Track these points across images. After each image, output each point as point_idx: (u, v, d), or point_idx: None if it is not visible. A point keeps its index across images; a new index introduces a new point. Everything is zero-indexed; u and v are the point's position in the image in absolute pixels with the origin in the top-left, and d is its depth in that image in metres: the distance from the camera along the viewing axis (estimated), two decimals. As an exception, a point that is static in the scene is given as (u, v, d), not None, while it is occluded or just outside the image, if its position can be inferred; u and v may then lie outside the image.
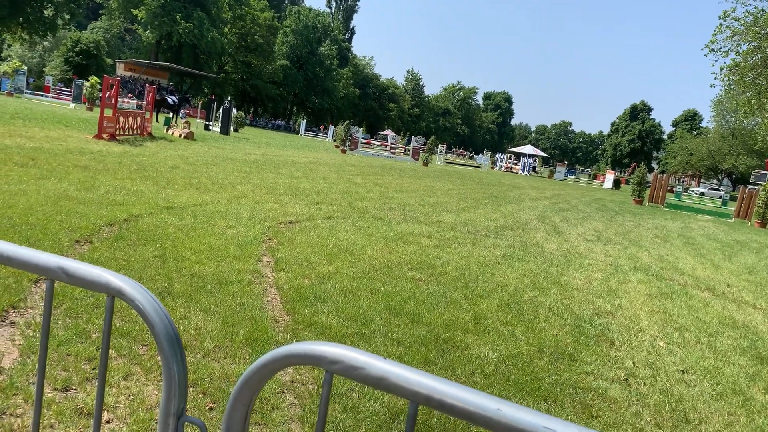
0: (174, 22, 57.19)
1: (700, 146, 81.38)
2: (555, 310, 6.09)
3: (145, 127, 20.43)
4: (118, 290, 1.07)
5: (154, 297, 1.08)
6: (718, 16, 27.32)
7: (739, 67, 27.30)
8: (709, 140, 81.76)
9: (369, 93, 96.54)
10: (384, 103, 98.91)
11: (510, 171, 60.04)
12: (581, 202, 24.84)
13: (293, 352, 0.94)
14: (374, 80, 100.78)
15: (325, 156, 29.09)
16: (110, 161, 11.83)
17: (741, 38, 26.71)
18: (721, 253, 13.58)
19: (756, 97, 27.92)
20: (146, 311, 1.05)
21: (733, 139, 76.14)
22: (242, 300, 4.74)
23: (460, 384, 0.84)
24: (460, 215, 12.99)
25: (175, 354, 1.04)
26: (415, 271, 6.76)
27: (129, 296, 1.06)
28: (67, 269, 1.11)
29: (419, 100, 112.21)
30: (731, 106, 64.80)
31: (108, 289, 1.08)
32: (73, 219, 6.35)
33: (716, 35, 27.23)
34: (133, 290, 1.07)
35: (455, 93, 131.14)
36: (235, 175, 13.42)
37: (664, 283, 8.66)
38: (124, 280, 1.09)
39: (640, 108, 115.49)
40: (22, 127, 15.36)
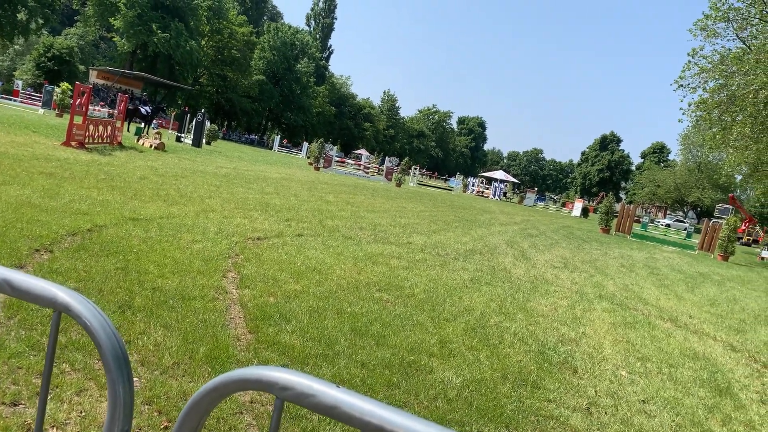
0: (150, 32, 56.76)
1: (667, 178, 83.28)
2: (520, 336, 6.11)
3: (115, 136, 20.12)
4: (65, 305, 1.03)
5: (103, 313, 1.03)
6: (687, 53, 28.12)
7: (705, 103, 28.07)
8: (676, 173, 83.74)
9: (345, 112, 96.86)
10: (359, 123, 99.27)
11: (481, 195, 60.58)
12: (550, 229, 25.13)
13: (244, 377, 0.91)
14: (350, 99, 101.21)
15: (297, 173, 28.99)
16: (77, 169, 11.60)
17: (708, 75, 27.51)
18: (685, 285, 13.83)
19: (721, 133, 28.68)
20: (93, 328, 1.00)
21: (699, 172, 78.16)
22: (204, 316, 4.65)
23: (413, 415, 0.82)
24: (430, 237, 13.02)
25: (122, 374, 1.00)
26: (383, 292, 6.73)
27: (75, 312, 1.02)
28: (11, 282, 1.07)
29: (395, 121, 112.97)
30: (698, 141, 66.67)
31: (54, 304, 1.04)
32: (34, 227, 6.18)
33: (685, 72, 28.03)
34: (80, 305, 1.02)
35: (430, 116, 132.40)
36: (204, 188, 13.26)
37: (628, 312, 8.77)
38: (71, 294, 1.05)
39: (610, 139, 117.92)
40: (-13, 131, 15.01)
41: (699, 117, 29.72)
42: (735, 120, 27.20)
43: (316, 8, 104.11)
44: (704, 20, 27.05)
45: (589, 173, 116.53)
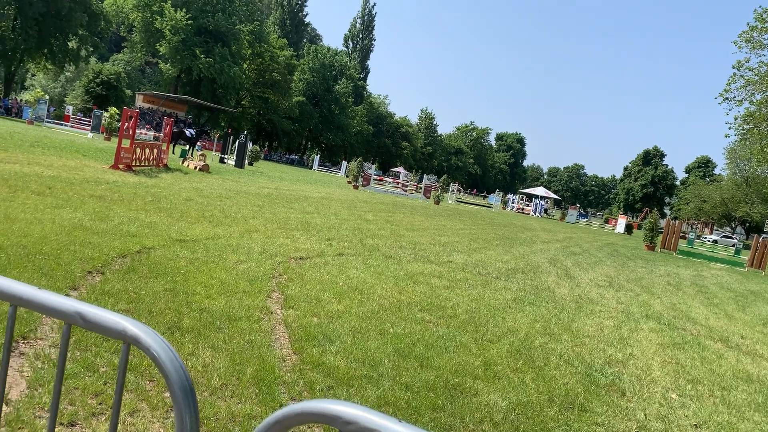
0: (194, 57, 58.43)
1: (713, 193, 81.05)
2: (566, 358, 6.01)
3: (161, 158, 20.69)
4: (135, 338, 1.08)
5: (170, 346, 1.08)
6: (732, 65, 27.49)
7: (753, 116, 27.35)
8: (723, 187, 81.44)
9: (383, 130, 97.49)
10: (397, 141, 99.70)
11: (521, 212, 59.97)
12: (593, 247, 24.70)
13: (308, 410, 0.94)
14: (388, 118, 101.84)
15: (337, 191, 29.26)
16: (125, 192, 11.96)
17: (755, 88, 26.85)
18: (735, 303, 13.40)
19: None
20: (161, 360, 1.04)
21: (747, 187, 75.81)
22: (251, 337, 4.72)
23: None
24: (471, 256, 12.95)
25: (189, 405, 1.04)
26: (424, 312, 6.72)
27: (145, 344, 1.06)
28: (84, 314, 1.12)
29: (432, 138, 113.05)
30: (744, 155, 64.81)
31: (124, 336, 1.09)
32: (86, 249, 6.39)
33: (730, 84, 27.42)
34: (149, 338, 1.07)
35: (468, 133, 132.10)
36: (248, 208, 13.50)
37: (677, 332, 8.54)
38: (140, 327, 1.10)
39: (653, 153, 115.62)
40: (40, 156, 15.61)
41: (746, 130, 28.96)
42: (785, 133, 26.41)
43: (354, 29, 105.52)
44: (749, 32, 26.46)
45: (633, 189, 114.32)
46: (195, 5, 60.09)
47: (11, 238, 6.24)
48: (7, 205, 7.99)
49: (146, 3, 59.68)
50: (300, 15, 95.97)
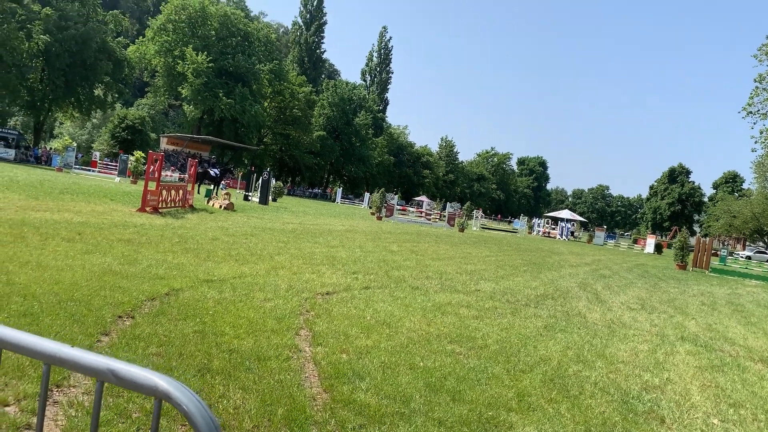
0: (216, 98, 59.70)
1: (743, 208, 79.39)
2: (601, 386, 5.87)
3: (186, 199, 21.02)
4: (166, 394, 1.08)
5: (201, 400, 1.08)
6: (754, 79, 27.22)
7: (779, 128, 26.94)
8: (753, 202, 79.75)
9: (404, 160, 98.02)
10: (418, 170, 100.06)
11: (548, 236, 59.43)
12: (623, 268, 24.30)
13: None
14: (408, 148, 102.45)
15: (361, 223, 29.33)
16: (153, 234, 12.13)
17: (779, 100, 26.47)
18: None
19: (799, 158, 27.37)
20: (193, 416, 1.05)
21: (778, 200, 74.21)
22: (280, 377, 4.70)
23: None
24: (498, 283, 12.82)
25: (221, 460, 1.03)
26: (454, 344, 6.64)
27: (176, 400, 1.07)
28: (116, 371, 1.13)
29: (453, 166, 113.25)
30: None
31: (155, 392, 1.09)
32: (116, 294, 6.47)
33: (753, 98, 27.11)
34: (180, 394, 1.07)
35: (489, 158, 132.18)
36: (273, 245, 13.59)
37: (715, 354, 8.31)
38: (171, 383, 1.10)
39: (679, 171, 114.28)
40: (70, 202, 15.97)
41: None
42: (813, 144, 25.91)
43: (371, 63, 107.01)
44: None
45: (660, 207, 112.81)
46: (215, 48, 61.63)
47: (43, 285, 6.36)
48: (39, 253, 8.16)
49: (168, 48, 61.41)
50: (317, 52, 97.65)
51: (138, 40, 65.19)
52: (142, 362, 4.56)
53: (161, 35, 61.64)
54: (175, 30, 61.96)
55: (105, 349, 4.77)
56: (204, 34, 62.24)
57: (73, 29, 48.41)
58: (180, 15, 61.70)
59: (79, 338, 4.88)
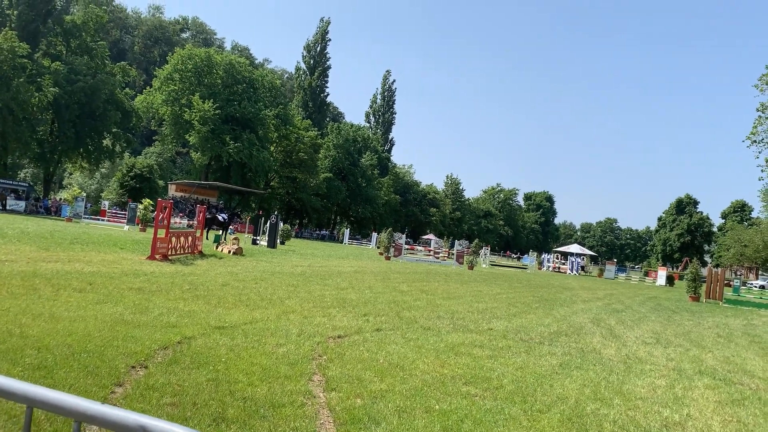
0: (223, 144, 60.45)
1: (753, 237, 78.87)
2: (620, 424, 5.77)
3: (195, 245, 21.10)
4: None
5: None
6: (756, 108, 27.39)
7: (784, 156, 26.97)
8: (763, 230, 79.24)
9: (410, 199, 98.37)
10: (425, 208, 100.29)
11: (558, 271, 59.07)
12: (635, 302, 24.07)
13: None
14: (414, 186, 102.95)
15: (369, 264, 29.29)
16: (163, 282, 12.17)
17: (782, 129, 26.58)
18: (793, 352, 12.80)
19: (806, 186, 27.31)
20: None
21: (788, 228, 73.77)
22: (295, 424, 4.66)
23: None
24: (511, 321, 12.72)
25: None
26: (469, 385, 6.57)
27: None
28: (147, 427, 1.14)
29: (460, 203, 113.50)
30: (781, 195, 63.40)
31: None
32: (129, 344, 6.47)
33: (756, 127, 27.23)
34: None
35: (495, 195, 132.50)
36: (283, 289, 13.58)
37: (734, 387, 8.16)
38: None
39: (686, 201, 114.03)
40: (80, 252, 16.07)
41: (780, 171, 28.49)
42: (819, 171, 25.89)
43: (375, 105, 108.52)
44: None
45: (669, 239, 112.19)
46: (221, 96, 62.67)
47: (56, 337, 6.37)
48: (51, 305, 8.19)
49: (175, 97, 62.51)
50: (321, 96, 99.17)
51: (145, 90, 66.45)
52: (157, 413, 4.54)
53: (168, 85, 62.84)
54: (182, 79, 63.18)
55: (119, 400, 4.76)
56: (210, 82, 63.41)
57: (82, 81, 49.49)
58: (186, 64, 62.99)
59: (93, 390, 4.87)
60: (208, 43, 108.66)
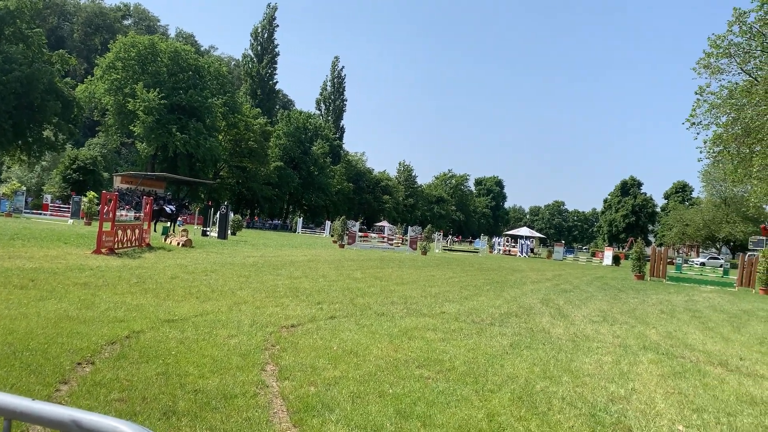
0: (170, 134, 59.00)
1: (694, 216, 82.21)
2: (568, 400, 5.94)
3: (143, 238, 20.61)
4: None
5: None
6: (695, 91, 28.31)
7: (721, 138, 28.06)
8: (703, 210, 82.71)
9: (363, 187, 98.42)
10: (378, 196, 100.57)
11: (508, 254, 60.18)
12: (583, 282, 24.75)
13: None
14: (367, 174, 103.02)
15: (323, 252, 29.21)
16: (110, 276, 11.85)
17: (719, 111, 27.61)
18: (730, 325, 13.42)
19: (741, 166, 28.52)
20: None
21: (726, 207, 77.17)
22: (248, 414, 4.63)
23: None
24: (463, 304, 12.91)
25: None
26: (422, 368, 6.65)
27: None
28: (79, 421, 1.12)
29: (413, 190, 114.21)
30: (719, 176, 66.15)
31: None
32: (74, 340, 6.29)
33: (695, 109, 28.16)
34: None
35: (447, 180, 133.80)
36: (234, 280, 13.41)
37: (676, 361, 8.51)
38: (135, 428, 1.09)
39: (630, 183, 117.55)
40: (21, 248, 15.49)
41: (717, 152, 29.64)
42: (754, 151, 27.08)
43: (325, 92, 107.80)
44: (706, 58, 27.40)
45: (615, 220, 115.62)
46: (167, 84, 61.06)
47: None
48: (-10, 303, 7.88)
49: (118, 86, 60.57)
50: (270, 83, 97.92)
51: (87, 79, 64.19)
52: (105, 409, 4.44)
53: (110, 73, 60.79)
54: (125, 68, 61.21)
55: (65, 398, 4.63)
56: (154, 70, 61.66)
57: (18, 71, 47.39)
58: (129, 53, 61.04)
59: (36, 389, 4.72)
60: (152, 30, 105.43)
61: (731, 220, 75.90)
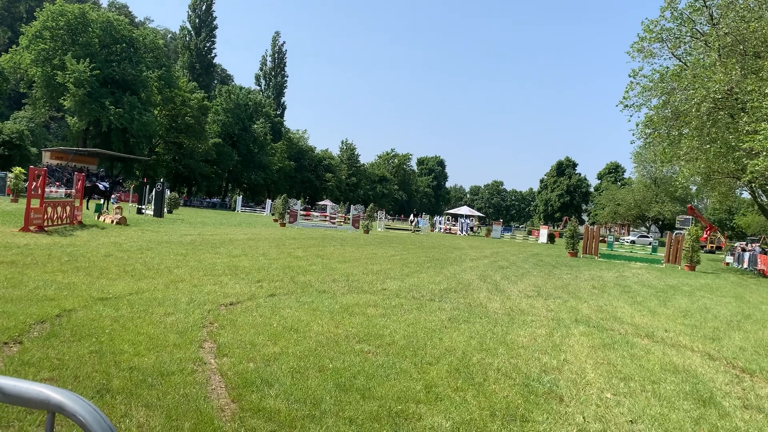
0: (103, 108, 56.60)
1: (626, 196, 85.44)
2: (504, 371, 6.14)
3: (75, 215, 19.85)
4: (59, 405, 1.05)
5: (98, 409, 1.06)
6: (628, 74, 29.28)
7: (652, 120, 29.13)
8: (634, 190, 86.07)
9: (305, 165, 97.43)
10: (321, 174, 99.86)
11: (449, 232, 61.05)
12: (519, 259, 25.41)
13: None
14: (309, 152, 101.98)
15: (264, 231, 28.87)
16: (39, 254, 11.38)
17: (651, 94, 28.61)
18: (657, 299, 14.09)
19: (670, 147, 29.72)
20: (90, 426, 1.03)
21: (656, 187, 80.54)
22: (185, 390, 4.58)
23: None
24: (404, 281, 13.06)
25: (121, 467, 1.02)
26: (363, 343, 6.71)
27: (70, 411, 1.04)
28: (2, 388, 1.08)
29: (355, 169, 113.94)
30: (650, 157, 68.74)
31: (48, 405, 1.06)
32: (0, 320, 6.03)
33: (628, 92, 29.09)
34: (73, 404, 1.05)
35: (390, 160, 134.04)
36: (171, 258, 13.11)
37: (606, 333, 8.89)
38: (63, 393, 1.07)
39: (566, 164, 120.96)
40: (-59, 225, 14.66)
41: (648, 134, 30.80)
42: (682, 134, 28.24)
43: (265, 67, 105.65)
44: (640, 42, 28.30)
45: (550, 199, 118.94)
46: (99, 56, 58.38)
47: None
48: None
49: (46, 57, 57.47)
50: (209, 57, 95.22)
51: (11, 49, 60.63)
52: (34, 389, 4.29)
53: (37, 43, 57.52)
54: (53, 38, 58.06)
55: (-10, 378, 4.45)
56: (86, 41, 58.74)
57: (-66, 38, 44.39)
58: (58, 21, 57.89)
59: (-41, 370, 4.52)
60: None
61: (660, 200, 79.36)
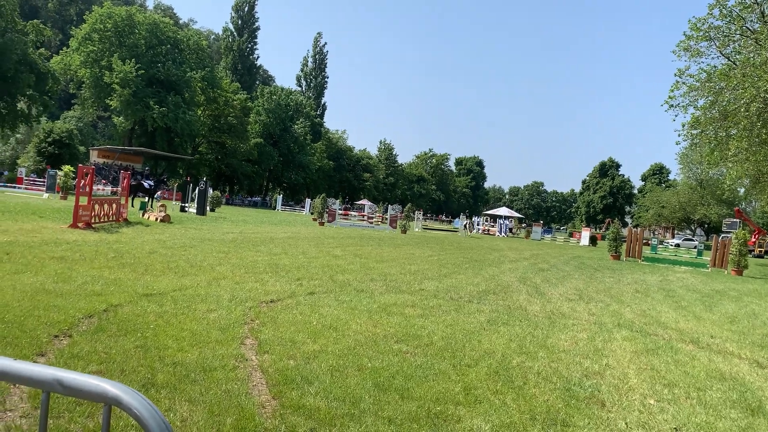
0: (147, 108, 58.01)
1: (670, 198, 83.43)
2: (544, 375, 6.06)
3: (120, 213, 20.39)
4: (116, 399, 1.09)
5: (151, 403, 1.09)
6: (674, 73, 28.52)
7: (699, 121, 28.35)
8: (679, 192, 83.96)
9: (343, 165, 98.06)
10: (359, 174, 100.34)
11: (487, 233, 60.62)
12: (560, 261, 25.06)
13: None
14: (348, 152, 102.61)
15: (303, 230, 29.16)
16: (87, 250, 11.73)
17: (698, 94, 27.85)
18: (702, 304, 13.72)
19: (718, 149, 28.90)
20: (145, 419, 1.06)
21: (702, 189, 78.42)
22: (227, 386, 4.66)
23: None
24: (442, 282, 13.01)
25: (174, 461, 1.05)
26: (401, 343, 6.72)
27: (126, 404, 1.08)
28: (62, 380, 1.12)
29: (393, 168, 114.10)
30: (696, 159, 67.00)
31: (105, 398, 1.09)
32: (51, 313, 6.24)
33: (674, 91, 28.37)
34: (130, 398, 1.08)
35: (428, 160, 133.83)
36: (213, 255, 13.35)
37: (649, 338, 8.69)
38: (120, 388, 1.11)
39: (609, 165, 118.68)
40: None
41: (694, 135, 29.99)
42: (730, 135, 27.42)
43: (306, 68, 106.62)
44: (686, 41, 27.57)
45: (592, 201, 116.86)
46: (145, 57, 59.90)
47: (-29, 309, 6.07)
48: (-36, 276, 7.77)
49: (94, 59, 59.25)
50: (251, 58, 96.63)
51: (62, 51, 62.63)
52: (83, 381, 4.43)
53: (86, 45, 59.36)
54: (101, 39, 59.82)
55: (42, 370, 4.60)
56: (132, 43, 60.35)
57: (-10, 41, 46.18)
58: (106, 24, 59.63)
59: (13, 361, 4.69)
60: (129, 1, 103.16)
61: (706, 203, 77.22)
